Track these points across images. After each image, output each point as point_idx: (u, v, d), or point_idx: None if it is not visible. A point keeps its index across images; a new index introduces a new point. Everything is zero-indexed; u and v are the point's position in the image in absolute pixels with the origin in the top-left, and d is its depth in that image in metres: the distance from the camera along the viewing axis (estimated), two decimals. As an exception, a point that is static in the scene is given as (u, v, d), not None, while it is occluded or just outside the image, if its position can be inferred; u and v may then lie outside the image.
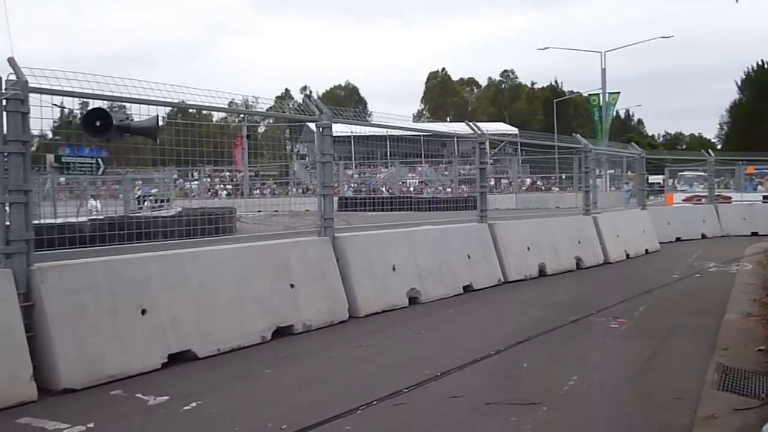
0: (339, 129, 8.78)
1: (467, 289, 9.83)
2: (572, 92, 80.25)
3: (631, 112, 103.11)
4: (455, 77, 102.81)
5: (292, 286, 7.39)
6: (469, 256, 10.12)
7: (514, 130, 51.18)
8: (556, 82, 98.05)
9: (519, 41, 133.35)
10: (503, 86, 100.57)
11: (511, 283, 10.68)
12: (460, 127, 13.50)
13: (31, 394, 4.97)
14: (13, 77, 5.40)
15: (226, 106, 8.73)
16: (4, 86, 5.35)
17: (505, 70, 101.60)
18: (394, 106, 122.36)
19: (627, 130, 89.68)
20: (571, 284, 10.96)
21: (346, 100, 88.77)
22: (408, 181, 39.89)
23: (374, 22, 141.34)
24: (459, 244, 10.13)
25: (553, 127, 57.29)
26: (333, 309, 7.78)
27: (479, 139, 11.38)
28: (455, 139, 40.43)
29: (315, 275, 7.75)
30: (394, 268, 8.74)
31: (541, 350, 6.57)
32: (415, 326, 7.68)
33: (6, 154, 5.39)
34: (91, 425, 4.48)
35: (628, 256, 14.20)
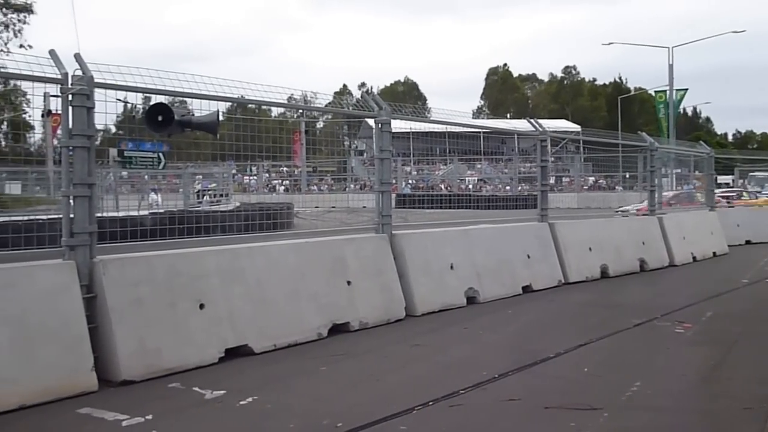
0: (397, 125, 8.72)
1: (526, 289, 9.65)
2: (638, 89, 78.40)
3: (698, 110, 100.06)
4: (515, 73, 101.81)
5: (348, 282, 7.36)
6: (528, 256, 9.93)
7: (577, 128, 50.28)
8: (620, 78, 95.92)
9: (581, 36, 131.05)
10: (565, 82, 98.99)
11: (572, 284, 10.45)
12: (521, 124, 13.28)
13: (91, 384, 5.06)
14: (78, 73, 5.49)
15: (285, 102, 8.74)
16: (70, 81, 5.45)
17: (567, 66, 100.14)
18: (454, 102, 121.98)
19: (694, 128, 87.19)
20: (634, 286, 10.67)
21: (406, 96, 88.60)
22: (467, 178, 39.65)
23: (431, 18, 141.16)
24: (518, 244, 9.96)
25: (617, 124, 56.00)
26: (389, 307, 7.72)
27: (540, 136, 11.16)
28: (515, 136, 39.89)
29: (372, 272, 7.70)
30: (451, 267, 8.64)
31: (602, 354, 6.38)
32: (473, 326, 7.55)
33: (71, 148, 5.50)
34: (149, 417, 4.52)
35: (694, 258, 13.75)
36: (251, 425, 4.50)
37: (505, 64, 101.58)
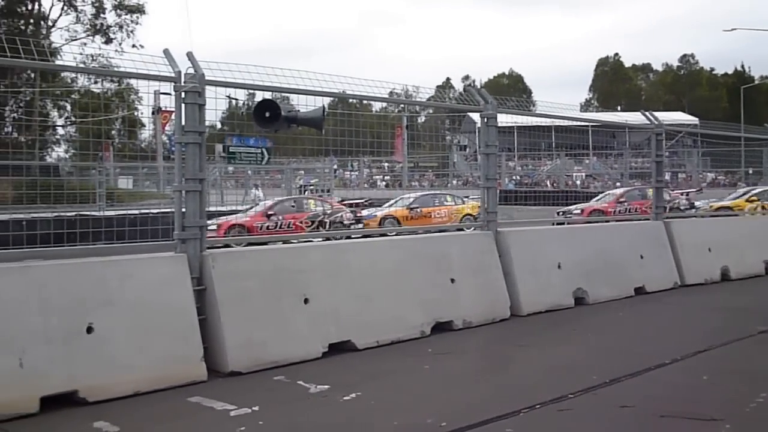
0: (501, 119, 8.50)
1: (639, 291, 9.20)
2: (764, 78, 73.78)
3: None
4: (627, 63, 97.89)
5: (452, 280, 7.24)
6: (641, 256, 9.47)
7: (694, 120, 47.89)
8: (742, 66, 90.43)
9: (699, 22, 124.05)
10: (681, 72, 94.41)
11: (689, 286, 9.88)
12: (632, 117, 12.74)
13: (201, 374, 5.21)
14: (191, 71, 5.65)
15: (387, 96, 8.72)
16: (183, 79, 5.61)
17: (684, 55, 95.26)
18: (560, 95, 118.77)
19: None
20: (759, 291, 9.96)
21: (510, 89, 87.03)
22: (574, 174, 38.59)
23: (536, 8, 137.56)
24: (631, 243, 9.52)
25: (740, 116, 52.89)
26: (494, 306, 7.54)
27: (656, 129, 10.63)
28: (626, 130, 38.41)
29: (476, 270, 7.55)
30: (559, 266, 8.34)
31: (723, 362, 5.99)
32: (582, 328, 7.29)
33: (183, 144, 5.66)
34: (255, 408, 4.61)
35: (827, 260, 12.75)
36: (355, 421, 4.50)
37: (616, 54, 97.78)
